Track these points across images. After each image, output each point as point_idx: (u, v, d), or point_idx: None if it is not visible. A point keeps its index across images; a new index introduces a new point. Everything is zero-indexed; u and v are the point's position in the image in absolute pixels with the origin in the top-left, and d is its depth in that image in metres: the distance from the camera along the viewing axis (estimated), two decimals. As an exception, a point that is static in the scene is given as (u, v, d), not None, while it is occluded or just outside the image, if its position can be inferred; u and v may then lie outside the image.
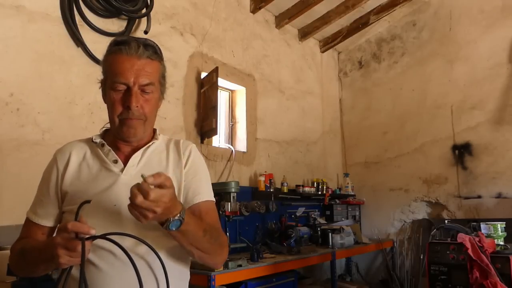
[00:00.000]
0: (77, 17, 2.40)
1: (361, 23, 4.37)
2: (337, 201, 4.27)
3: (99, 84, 1.18)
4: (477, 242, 2.72)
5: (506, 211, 3.57)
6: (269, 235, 3.45)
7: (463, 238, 2.77)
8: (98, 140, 1.17)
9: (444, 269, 2.93)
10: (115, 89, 1.09)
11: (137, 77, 1.08)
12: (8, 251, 1.83)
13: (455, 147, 3.96)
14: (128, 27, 2.64)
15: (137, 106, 1.08)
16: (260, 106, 3.79)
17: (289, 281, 2.91)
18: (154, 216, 0.89)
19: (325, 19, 4.14)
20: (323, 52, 4.70)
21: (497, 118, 3.75)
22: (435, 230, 3.61)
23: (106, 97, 1.14)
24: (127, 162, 1.14)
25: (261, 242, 3.24)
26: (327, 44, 4.65)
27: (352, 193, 4.50)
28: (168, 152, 1.20)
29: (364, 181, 4.56)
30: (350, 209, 4.38)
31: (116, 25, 2.62)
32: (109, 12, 2.54)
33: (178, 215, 0.93)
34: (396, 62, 4.48)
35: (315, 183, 4.09)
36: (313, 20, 4.20)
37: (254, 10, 3.76)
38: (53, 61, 2.30)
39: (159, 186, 0.88)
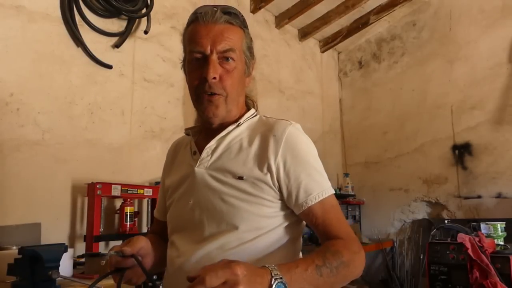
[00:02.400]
0: (77, 17, 2.40)
1: (361, 23, 4.37)
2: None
3: (181, 64, 1.07)
4: (477, 242, 2.72)
5: (506, 211, 3.56)
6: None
7: (463, 238, 2.77)
8: (189, 130, 1.09)
9: (444, 269, 2.93)
10: (192, 60, 0.97)
11: (214, 44, 0.94)
12: (8, 251, 1.83)
13: (455, 147, 3.96)
14: (128, 27, 2.64)
15: (214, 78, 0.93)
16: (260, 106, 3.74)
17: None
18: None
19: (325, 19, 4.14)
20: (323, 52, 4.70)
21: (497, 118, 3.75)
22: (435, 230, 3.61)
23: (186, 76, 1.02)
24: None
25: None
26: (327, 44, 4.65)
27: (352, 193, 4.50)
28: (252, 140, 0.98)
29: (364, 181, 4.56)
30: (350, 209, 4.38)
31: (116, 25, 2.62)
32: (109, 12, 2.54)
33: (272, 277, 0.72)
34: (396, 62, 4.48)
35: (315, 183, 4.08)
36: (313, 20, 4.20)
37: (254, 10, 3.76)
38: (53, 61, 2.30)
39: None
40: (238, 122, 1.01)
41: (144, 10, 2.68)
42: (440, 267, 2.96)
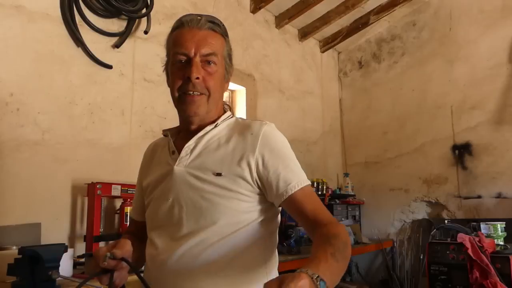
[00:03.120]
0: (77, 17, 2.39)
1: (361, 23, 4.37)
2: (337, 201, 4.27)
3: (163, 68, 1.11)
4: (477, 242, 2.72)
5: (506, 211, 3.56)
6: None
7: (463, 238, 2.77)
8: (167, 131, 1.13)
9: (444, 269, 2.94)
10: (176, 62, 1.01)
11: (198, 47, 0.99)
12: (8, 251, 1.83)
13: (455, 147, 3.96)
14: (128, 27, 2.64)
15: (197, 78, 0.98)
16: (260, 106, 3.79)
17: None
18: None
19: (325, 19, 4.14)
20: (323, 52, 4.70)
21: (497, 118, 3.75)
22: (435, 230, 3.61)
23: (169, 79, 1.06)
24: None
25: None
26: (327, 44, 4.65)
27: (352, 193, 4.50)
28: (229, 139, 1.03)
29: (364, 181, 4.56)
30: (350, 209, 4.38)
31: (116, 25, 2.62)
32: (109, 12, 2.53)
33: (313, 279, 0.71)
34: (396, 62, 4.48)
35: (315, 183, 4.09)
36: (313, 20, 4.20)
37: (254, 10, 3.75)
38: (53, 61, 2.30)
39: None
40: (216, 123, 1.06)
41: (144, 10, 2.68)
42: (440, 267, 2.96)
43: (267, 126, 1.04)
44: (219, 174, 0.99)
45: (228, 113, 1.11)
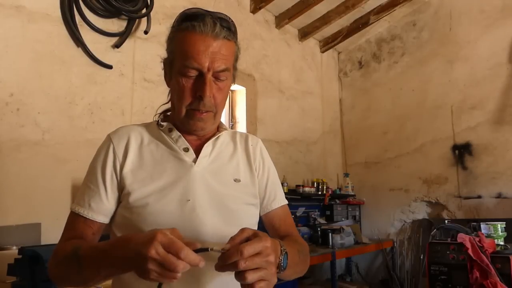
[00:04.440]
0: (77, 17, 2.40)
1: (361, 23, 4.37)
2: (337, 201, 4.27)
3: (161, 64, 1.02)
4: (477, 242, 2.72)
5: (506, 211, 3.56)
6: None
7: (463, 238, 2.77)
8: (165, 123, 1.00)
9: (444, 269, 2.93)
10: (186, 75, 0.91)
11: (212, 62, 0.90)
12: (8, 251, 1.83)
13: (455, 147, 3.96)
14: (128, 27, 2.64)
15: (210, 96, 0.92)
16: (260, 106, 3.79)
17: (289, 281, 2.91)
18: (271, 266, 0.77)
19: (325, 19, 4.14)
20: (323, 52, 4.70)
21: (497, 118, 3.75)
22: (435, 230, 3.61)
23: (171, 81, 0.97)
24: (196, 152, 0.98)
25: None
26: (327, 44, 4.65)
27: (352, 193, 4.50)
28: (236, 147, 1.06)
29: (364, 181, 4.56)
30: (350, 209, 4.38)
31: (116, 25, 2.62)
32: (109, 12, 2.53)
33: (281, 248, 0.82)
34: (396, 62, 4.48)
35: (315, 183, 4.09)
36: (313, 20, 4.20)
37: (254, 10, 3.76)
38: (53, 61, 2.30)
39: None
40: (225, 128, 1.06)
41: (144, 10, 2.68)
42: (440, 267, 2.96)
43: (260, 140, 1.12)
44: (237, 180, 1.00)
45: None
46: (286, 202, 1.11)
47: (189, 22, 0.91)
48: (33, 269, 1.56)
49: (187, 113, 0.94)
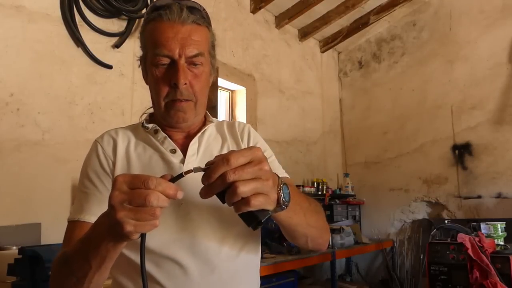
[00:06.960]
0: (77, 17, 2.40)
1: (361, 23, 4.37)
2: (337, 201, 4.27)
3: (138, 63, 1.00)
4: (477, 242, 2.72)
5: (506, 211, 3.57)
6: (269, 235, 3.45)
7: (463, 238, 2.77)
8: (150, 125, 0.97)
9: (444, 269, 2.93)
10: (157, 64, 0.89)
11: (183, 48, 0.88)
12: (8, 251, 1.83)
13: (455, 147, 3.96)
14: (128, 27, 2.65)
15: (185, 84, 0.89)
16: (260, 106, 3.79)
17: (289, 281, 2.91)
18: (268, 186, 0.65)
19: (325, 19, 4.14)
20: (323, 52, 4.70)
21: (497, 118, 3.75)
22: (435, 230, 3.61)
23: (147, 76, 0.95)
24: (183, 152, 0.95)
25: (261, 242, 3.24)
26: (327, 44, 4.65)
27: (352, 193, 4.50)
28: (224, 138, 1.02)
29: (364, 181, 4.56)
30: (350, 209, 4.38)
31: (116, 25, 2.62)
32: (109, 12, 2.54)
33: (278, 180, 0.70)
34: (396, 62, 4.48)
35: (315, 183, 4.09)
36: (313, 20, 4.20)
37: (254, 10, 3.75)
38: (53, 61, 2.30)
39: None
40: (210, 120, 1.03)
41: (144, 10, 2.68)
42: (440, 267, 2.95)
43: (248, 125, 1.09)
44: None
45: (207, 113, 1.07)
46: (287, 176, 0.99)
47: (156, 12, 0.90)
48: (33, 269, 1.56)
49: (166, 105, 0.92)
